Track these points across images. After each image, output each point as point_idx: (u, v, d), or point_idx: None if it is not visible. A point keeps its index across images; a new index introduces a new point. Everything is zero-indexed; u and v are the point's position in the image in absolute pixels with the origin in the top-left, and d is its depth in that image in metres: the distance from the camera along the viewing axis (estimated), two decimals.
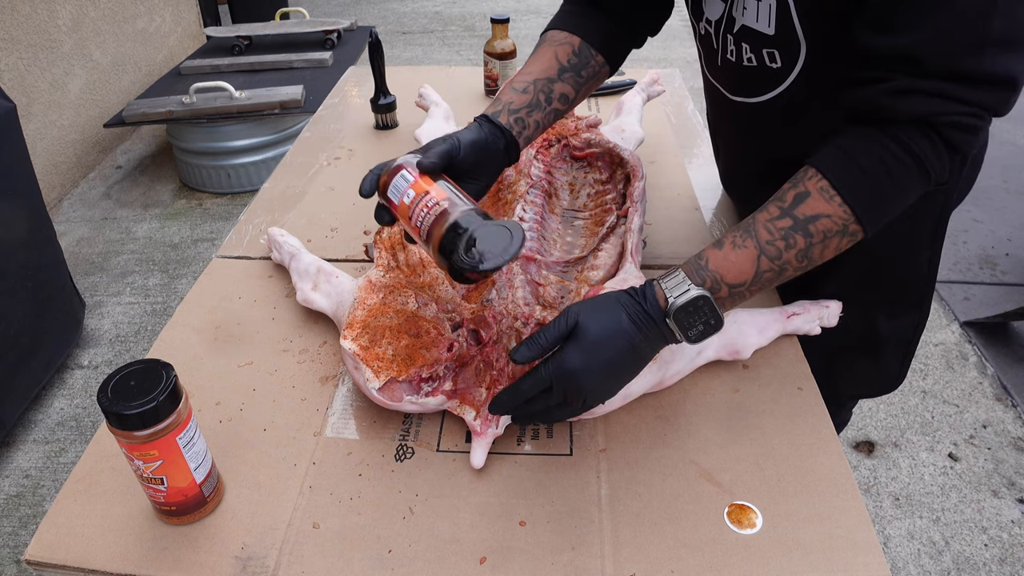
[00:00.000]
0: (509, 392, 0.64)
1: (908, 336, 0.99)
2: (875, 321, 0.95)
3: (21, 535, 1.56)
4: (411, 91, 1.37)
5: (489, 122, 0.75)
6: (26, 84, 2.62)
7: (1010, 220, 2.63)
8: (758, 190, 0.95)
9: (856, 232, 0.62)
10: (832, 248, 0.63)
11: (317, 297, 0.85)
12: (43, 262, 1.80)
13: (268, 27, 3.29)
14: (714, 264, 0.63)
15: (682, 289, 0.61)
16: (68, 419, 1.85)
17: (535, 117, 0.78)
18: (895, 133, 0.59)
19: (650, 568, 0.61)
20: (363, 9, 5.34)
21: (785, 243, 0.62)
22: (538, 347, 0.62)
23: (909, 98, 0.58)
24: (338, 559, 0.62)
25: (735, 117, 0.87)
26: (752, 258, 0.62)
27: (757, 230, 0.63)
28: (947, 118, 0.58)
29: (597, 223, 0.93)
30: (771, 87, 0.76)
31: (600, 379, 0.62)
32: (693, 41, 4.57)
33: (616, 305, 0.63)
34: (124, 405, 0.55)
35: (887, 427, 1.78)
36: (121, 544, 0.63)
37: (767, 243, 0.62)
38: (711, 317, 0.61)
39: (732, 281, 0.63)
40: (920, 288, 0.93)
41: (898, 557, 1.48)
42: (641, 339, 0.62)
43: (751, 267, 0.62)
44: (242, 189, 2.83)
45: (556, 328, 0.62)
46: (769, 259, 0.62)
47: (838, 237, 0.62)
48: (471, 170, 0.72)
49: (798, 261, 0.63)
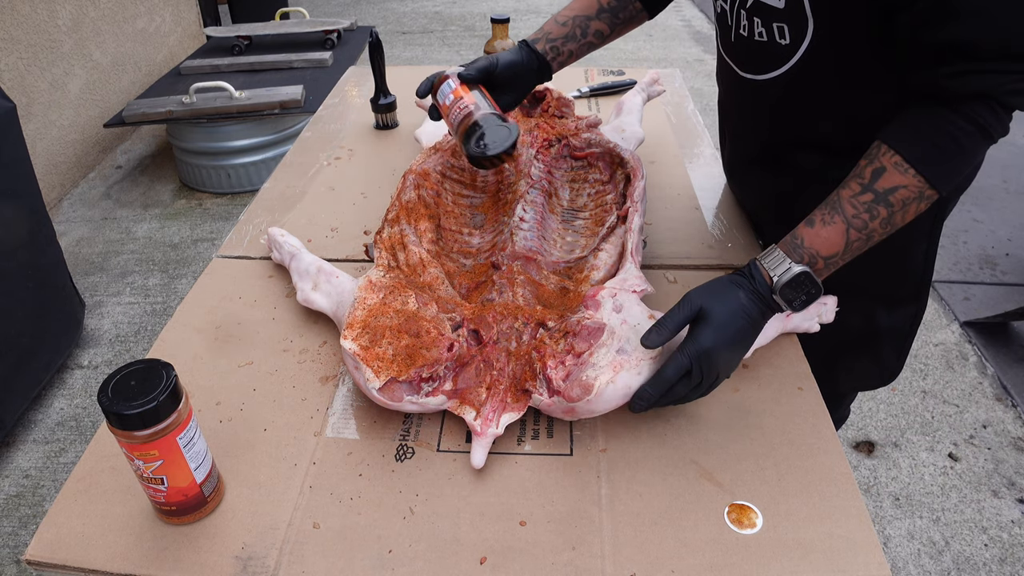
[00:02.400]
0: (652, 383, 0.66)
1: (906, 329, 1.00)
2: (874, 314, 0.97)
3: (21, 535, 1.56)
4: (411, 91, 1.37)
5: (527, 47, 0.94)
6: (26, 84, 2.62)
7: (1010, 220, 2.63)
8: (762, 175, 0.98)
9: (932, 196, 0.68)
10: (912, 212, 0.69)
11: (317, 297, 0.85)
12: (43, 262, 1.80)
13: (268, 27, 3.29)
14: (809, 241, 0.70)
15: (784, 267, 0.69)
16: (68, 419, 1.85)
17: (569, 47, 0.96)
18: (957, 107, 0.65)
19: (650, 568, 0.61)
20: (363, 9, 5.34)
21: (870, 215, 0.68)
22: (667, 331, 0.67)
23: (968, 78, 0.64)
24: (338, 559, 0.62)
25: (744, 96, 0.92)
26: (842, 232, 0.69)
27: (843, 206, 0.69)
28: (1005, 87, 0.64)
29: (597, 223, 0.93)
30: (780, 63, 0.81)
31: (731, 353, 0.68)
32: (693, 41, 4.53)
33: (731, 287, 0.70)
34: (124, 405, 0.55)
35: (887, 427, 1.78)
36: (121, 544, 0.63)
37: (853, 216, 0.69)
38: (812, 288, 0.69)
39: (827, 254, 0.70)
40: (918, 280, 0.95)
41: (898, 557, 1.48)
42: (757, 313, 0.70)
43: (842, 240, 0.69)
44: (242, 189, 2.83)
45: (680, 313, 0.68)
46: (857, 230, 0.69)
47: (916, 203, 0.68)
48: (505, 84, 0.92)
49: (883, 228, 0.69)
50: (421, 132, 1.15)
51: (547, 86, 1.14)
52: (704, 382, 0.68)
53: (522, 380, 0.71)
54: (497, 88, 0.91)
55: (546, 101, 1.13)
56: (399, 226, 0.88)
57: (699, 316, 0.68)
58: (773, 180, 0.92)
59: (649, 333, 0.67)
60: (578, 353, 0.68)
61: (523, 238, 0.88)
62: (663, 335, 0.67)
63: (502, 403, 0.71)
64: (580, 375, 0.67)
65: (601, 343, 0.68)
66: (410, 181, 0.94)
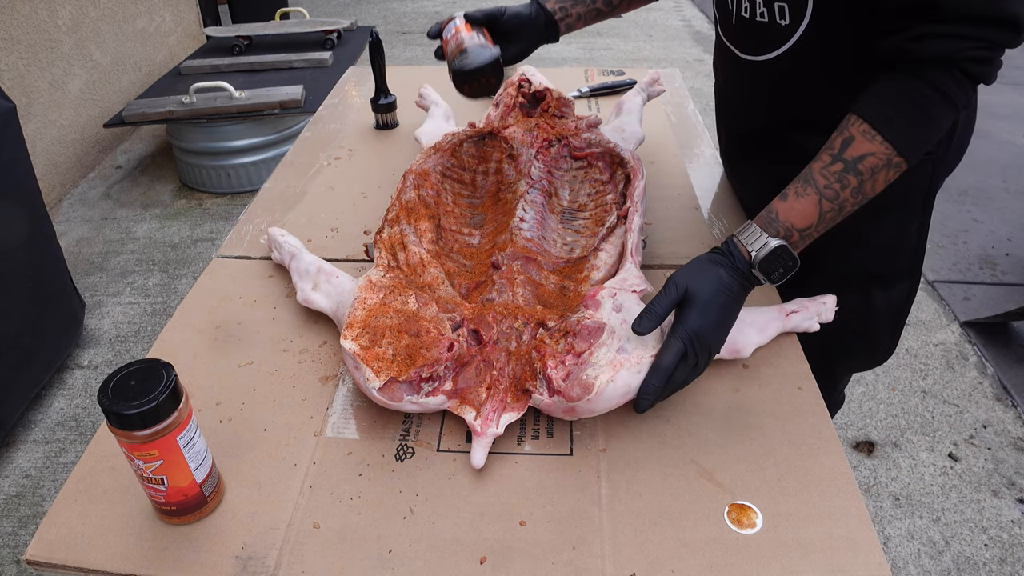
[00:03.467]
0: (654, 375, 0.67)
1: (900, 306, 1.02)
2: (870, 293, 0.98)
3: (21, 535, 1.56)
4: (411, 91, 1.37)
5: (538, 4, 1.00)
6: (26, 84, 2.62)
7: (1010, 220, 2.63)
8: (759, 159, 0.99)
9: (900, 163, 0.69)
10: (881, 181, 0.70)
11: (317, 297, 0.85)
12: (43, 262, 1.80)
13: (268, 27, 3.29)
14: (784, 215, 0.72)
15: (761, 242, 0.71)
16: (68, 419, 1.85)
17: (578, 10, 1.01)
18: (920, 73, 0.67)
19: (650, 568, 0.61)
20: (363, 9, 5.34)
21: (840, 184, 0.70)
22: (656, 316, 0.68)
23: (928, 42, 0.65)
24: (338, 559, 0.62)
25: (743, 79, 0.94)
26: (815, 203, 0.71)
27: (815, 178, 0.71)
28: (964, 54, 0.65)
29: (597, 223, 0.93)
30: (779, 44, 0.83)
31: (719, 330, 0.71)
32: (693, 41, 4.52)
33: (712, 267, 0.72)
34: (124, 405, 0.55)
35: (887, 427, 1.78)
36: (121, 544, 0.63)
37: (825, 187, 0.71)
38: (789, 260, 0.71)
39: (801, 227, 0.72)
40: (911, 255, 0.97)
41: (898, 557, 1.48)
42: (738, 288, 0.72)
43: (815, 211, 0.71)
44: (242, 189, 2.83)
45: (667, 297, 0.69)
46: (829, 201, 0.71)
47: (885, 170, 0.70)
48: (511, 34, 0.98)
49: (854, 197, 0.71)
50: (421, 132, 1.15)
51: (547, 86, 1.14)
52: (700, 362, 0.69)
53: (522, 380, 0.71)
54: (503, 37, 0.97)
55: (546, 101, 1.13)
56: (399, 226, 0.88)
57: (685, 299, 0.70)
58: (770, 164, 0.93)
59: (640, 320, 0.68)
60: (578, 353, 0.68)
61: (523, 238, 0.88)
62: (653, 320, 0.68)
63: (502, 403, 0.71)
64: (580, 375, 0.67)
65: (601, 343, 0.68)
66: (410, 181, 0.94)
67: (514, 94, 1.14)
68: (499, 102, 1.14)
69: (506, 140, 1.02)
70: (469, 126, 1.06)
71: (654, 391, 0.67)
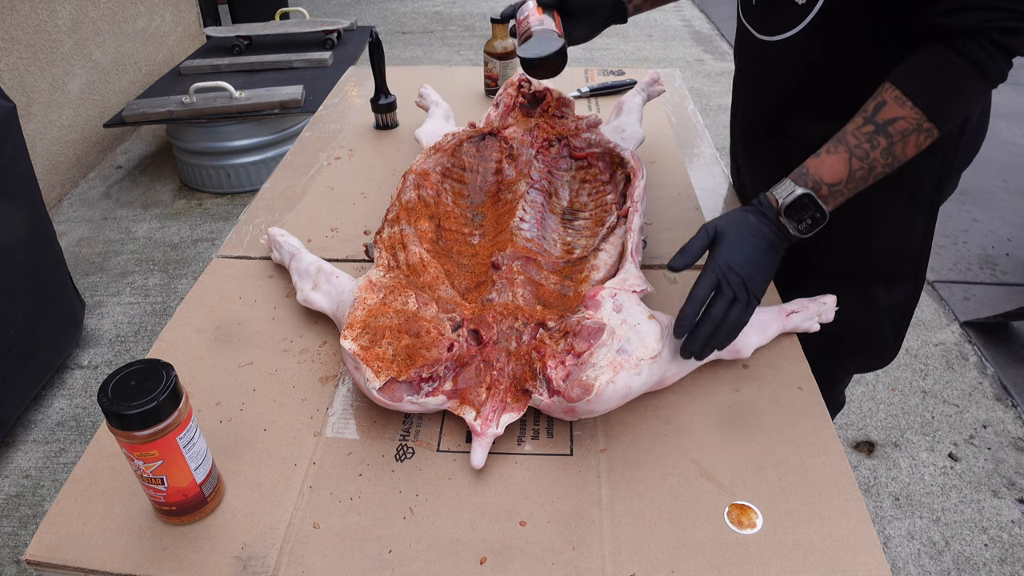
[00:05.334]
0: (688, 303, 0.71)
1: (904, 306, 1.02)
2: (874, 293, 0.98)
3: (21, 535, 1.56)
4: (411, 91, 1.37)
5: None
6: (26, 84, 2.62)
7: (1010, 220, 2.63)
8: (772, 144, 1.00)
9: (931, 129, 0.72)
10: (912, 145, 0.73)
11: (317, 297, 0.85)
12: (43, 262, 1.80)
13: (268, 27, 3.29)
14: (814, 169, 0.75)
15: (789, 191, 0.75)
16: (68, 419, 1.85)
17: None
18: (952, 43, 0.69)
19: (650, 568, 0.61)
20: (363, 9, 5.34)
21: (871, 144, 0.73)
22: (690, 256, 0.73)
23: (959, 15, 0.68)
24: (338, 559, 0.62)
25: (760, 60, 0.96)
26: (845, 160, 0.74)
27: (847, 138, 0.74)
28: (993, 24, 0.67)
29: (597, 223, 0.93)
30: (795, 23, 0.85)
31: (753, 268, 0.73)
32: (693, 41, 4.52)
33: (743, 213, 0.77)
34: (124, 405, 0.55)
35: (887, 427, 1.78)
36: (121, 544, 0.63)
37: (855, 147, 0.73)
38: (815, 211, 0.74)
39: (830, 181, 0.74)
40: (916, 256, 0.97)
41: (898, 557, 1.48)
42: (770, 234, 0.75)
43: (845, 168, 0.74)
44: (242, 189, 2.83)
45: (700, 240, 0.74)
46: (859, 159, 0.73)
47: (915, 135, 0.72)
48: (579, 14, 1.00)
49: (884, 158, 0.73)
50: (421, 132, 1.15)
51: (547, 86, 1.14)
52: (738, 297, 0.71)
53: (522, 380, 0.71)
54: (571, 17, 0.99)
55: (546, 101, 1.13)
56: (399, 226, 0.88)
57: (715, 239, 0.74)
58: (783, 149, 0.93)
59: (674, 257, 0.72)
60: (578, 353, 0.68)
61: (523, 238, 0.88)
62: (687, 259, 0.72)
63: (502, 403, 0.71)
64: (580, 375, 0.67)
65: (601, 343, 0.68)
66: (410, 181, 0.94)
67: (514, 94, 1.14)
68: (499, 102, 1.14)
69: (506, 140, 1.02)
70: (469, 126, 1.06)
71: (688, 318, 0.70)
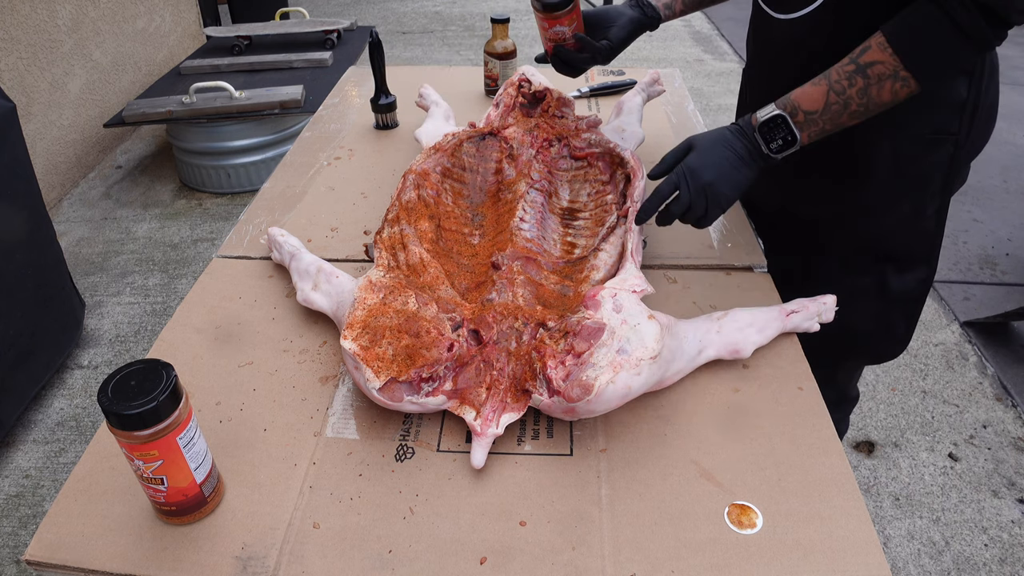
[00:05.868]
0: (649, 200, 0.82)
1: (916, 294, 1.02)
2: (886, 278, 0.99)
3: (21, 535, 1.56)
4: (411, 91, 1.37)
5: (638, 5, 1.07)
6: (26, 84, 2.62)
7: (1010, 220, 2.63)
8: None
9: (907, 79, 0.75)
10: (888, 90, 0.76)
11: (317, 297, 0.85)
12: (43, 262, 1.80)
13: (268, 27, 3.29)
14: (795, 96, 0.80)
15: (768, 110, 0.81)
16: (68, 419, 1.85)
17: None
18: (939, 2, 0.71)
19: (650, 568, 0.61)
20: (363, 9, 5.33)
21: (848, 82, 0.77)
22: (665, 164, 0.84)
23: None
24: (338, 559, 0.62)
25: (774, 40, 0.97)
26: (823, 92, 0.79)
27: (831, 73, 0.79)
28: None
29: (597, 223, 0.93)
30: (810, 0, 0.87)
31: (715, 172, 0.81)
32: (693, 41, 4.52)
33: (722, 128, 0.84)
34: (124, 405, 0.55)
35: (887, 427, 1.78)
36: (121, 544, 0.63)
37: (835, 81, 0.78)
38: (787, 133, 0.80)
39: (807, 108, 0.79)
40: (928, 242, 0.98)
41: (898, 557, 1.48)
42: (740, 147, 0.82)
43: (822, 99, 0.79)
44: (242, 189, 2.83)
45: (675, 151, 0.84)
46: (836, 94, 0.78)
47: (891, 80, 0.75)
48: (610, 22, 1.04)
49: (859, 97, 0.77)
50: (421, 132, 1.15)
51: (547, 86, 1.14)
52: (694, 203, 0.80)
53: (522, 380, 0.71)
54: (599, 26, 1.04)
55: (546, 101, 1.13)
56: (399, 226, 0.88)
57: (689, 148, 0.83)
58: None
59: (652, 169, 0.83)
60: (578, 353, 0.68)
61: (523, 238, 0.88)
62: (662, 167, 0.83)
63: (502, 403, 0.71)
64: (580, 375, 0.67)
65: (601, 343, 0.68)
66: (410, 181, 0.94)
67: (514, 94, 1.14)
68: (499, 102, 1.14)
69: (506, 140, 1.02)
70: (469, 126, 1.06)
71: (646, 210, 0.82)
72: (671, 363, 0.74)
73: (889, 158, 0.91)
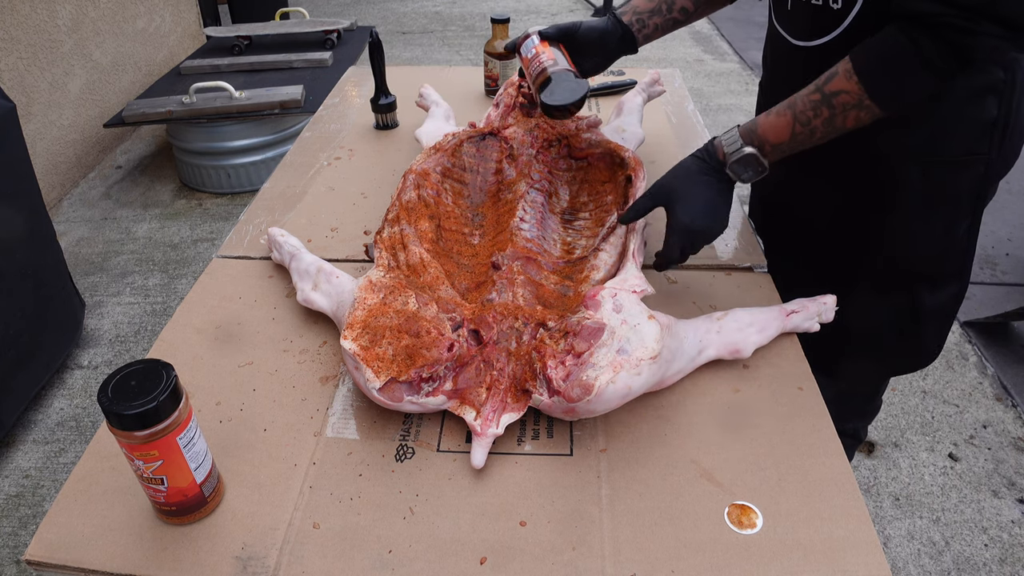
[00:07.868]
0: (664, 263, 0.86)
1: (948, 308, 1.01)
2: (919, 295, 0.98)
3: (21, 535, 1.56)
4: (411, 91, 1.37)
5: (614, 17, 1.00)
6: (26, 84, 2.62)
7: (1010, 220, 2.63)
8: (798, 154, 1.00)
9: (871, 107, 0.74)
10: (852, 119, 0.76)
11: (317, 297, 0.85)
12: (43, 262, 1.80)
13: (268, 27, 3.29)
14: (761, 129, 0.81)
15: (736, 147, 0.81)
16: (68, 419, 1.85)
17: (655, 20, 1.01)
18: (905, 28, 0.70)
19: (650, 568, 0.61)
20: (363, 9, 5.34)
21: (814, 112, 0.77)
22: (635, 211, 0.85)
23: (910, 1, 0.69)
24: (338, 559, 0.62)
25: (793, 66, 0.95)
26: (789, 124, 0.79)
27: (796, 103, 0.78)
28: (946, 19, 0.67)
29: (597, 223, 0.93)
30: (831, 28, 0.86)
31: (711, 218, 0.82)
32: (693, 41, 4.51)
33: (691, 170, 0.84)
34: (124, 405, 0.55)
35: (887, 427, 1.78)
36: (121, 544, 0.63)
37: (800, 112, 0.78)
38: (758, 166, 0.81)
39: (774, 141, 0.80)
40: (960, 258, 0.97)
41: (898, 557, 1.48)
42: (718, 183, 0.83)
43: (788, 132, 0.79)
44: (242, 189, 2.83)
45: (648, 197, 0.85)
46: (802, 125, 0.78)
47: (855, 110, 0.75)
48: (587, 48, 0.99)
49: (824, 127, 0.77)
50: (421, 132, 1.15)
51: None
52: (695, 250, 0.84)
53: (522, 380, 0.71)
54: (579, 52, 0.98)
55: None
56: (399, 226, 0.88)
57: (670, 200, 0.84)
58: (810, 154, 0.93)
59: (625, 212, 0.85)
60: (578, 353, 0.68)
61: (523, 238, 0.88)
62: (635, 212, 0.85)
63: (502, 403, 0.71)
64: (580, 375, 0.67)
65: (601, 343, 0.68)
66: (410, 181, 0.94)
67: (514, 94, 1.14)
68: (499, 102, 1.14)
69: (506, 140, 1.02)
70: (469, 126, 1.06)
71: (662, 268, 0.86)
72: (671, 363, 0.74)
73: (919, 183, 0.89)
